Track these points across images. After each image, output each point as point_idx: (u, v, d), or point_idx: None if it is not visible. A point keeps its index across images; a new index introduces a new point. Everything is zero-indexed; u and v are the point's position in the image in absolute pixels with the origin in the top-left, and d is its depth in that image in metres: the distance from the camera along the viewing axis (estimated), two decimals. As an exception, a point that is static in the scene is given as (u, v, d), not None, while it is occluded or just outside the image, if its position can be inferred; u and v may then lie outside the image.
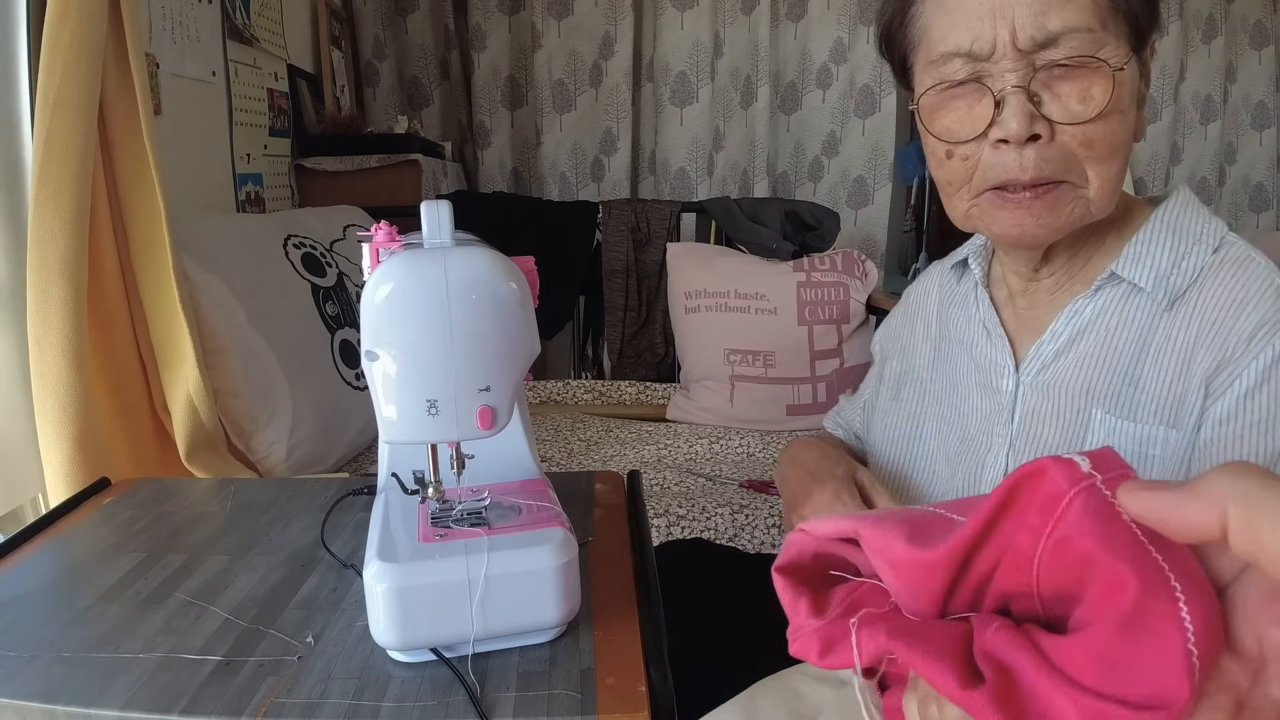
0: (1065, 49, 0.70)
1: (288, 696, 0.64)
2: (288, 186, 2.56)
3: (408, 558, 0.69)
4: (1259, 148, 3.73)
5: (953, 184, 0.79)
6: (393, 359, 0.67)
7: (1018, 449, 0.84)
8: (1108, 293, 0.81)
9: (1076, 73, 0.71)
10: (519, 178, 3.38)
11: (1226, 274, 0.76)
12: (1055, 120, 0.71)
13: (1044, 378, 0.83)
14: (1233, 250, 0.78)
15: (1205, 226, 0.80)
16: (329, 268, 1.95)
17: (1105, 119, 0.71)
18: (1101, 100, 0.70)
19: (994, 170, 0.74)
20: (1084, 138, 0.72)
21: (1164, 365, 0.76)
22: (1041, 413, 0.83)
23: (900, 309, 1.06)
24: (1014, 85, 0.71)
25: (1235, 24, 3.61)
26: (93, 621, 0.75)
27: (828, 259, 2.50)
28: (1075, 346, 0.82)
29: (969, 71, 0.74)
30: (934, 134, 0.77)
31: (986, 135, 0.73)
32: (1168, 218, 0.81)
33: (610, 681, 0.66)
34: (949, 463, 0.91)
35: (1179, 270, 0.77)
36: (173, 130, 1.87)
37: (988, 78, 0.73)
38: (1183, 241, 0.79)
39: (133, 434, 1.47)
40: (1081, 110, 0.71)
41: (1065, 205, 0.74)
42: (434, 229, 0.72)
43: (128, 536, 0.92)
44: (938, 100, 0.76)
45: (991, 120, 0.72)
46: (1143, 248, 0.79)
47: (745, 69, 3.29)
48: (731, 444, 2.21)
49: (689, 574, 1.09)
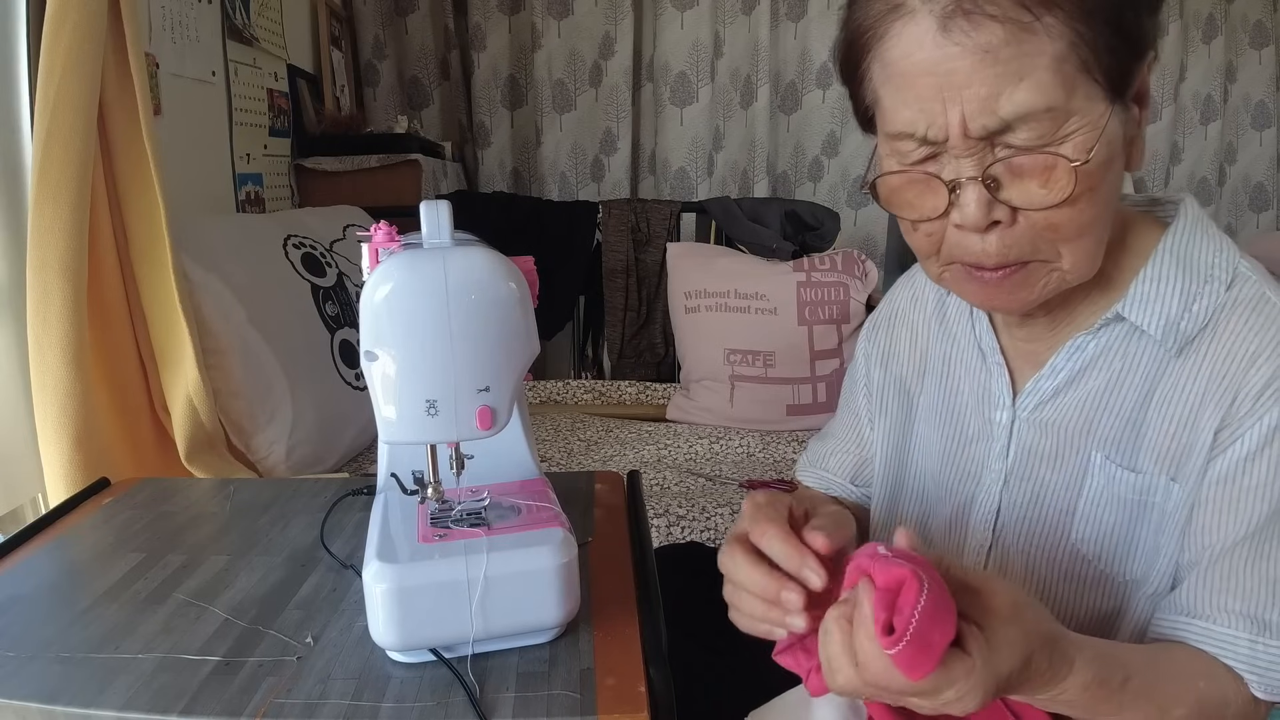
0: (1023, 135, 0.64)
1: (287, 697, 0.64)
2: (287, 186, 2.56)
3: (407, 558, 0.69)
4: (1259, 147, 3.73)
5: (922, 252, 0.75)
6: (392, 359, 0.67)
7: (1012, 487, 0.81)
8: (1112, 330, 0.76)
9: (1039, 158, 0.64)
10: (519, 178, 3.38)
11: (1239, 320, 0.71)
12: (1016, 206, 0.66)
13: (1042, 414, 0.80)
14: (1246, 289, 0.72)
15: (1217, 257, 0.74)
16: (329, 268, 1.95)
17: (1071, 204, 0.65)
18: (1065, 188, 0.64)
19: (958, 250, 0.70)
20: (1047, 223, 0.66)
21: (1169, 414, 0.73)
22: (1039, 451, 0.80)
23: (882, 314, 1.00)
24: (968, 176, 0.65)
25: (1235, 24, 3.62)
26: (92, 621, 0.75)
27: (828, 259, 2.50)
28: (1077, 385, 0.78)
29: (924, 154, 0.68)
30: (894, 212, 0.73)
31: (948, 216, 0.69)
32: (1176, 248, 0.75)
33: (610, 682, 0.66)
34: (940, 487, 0.88)
35: (1190, 315, 0.72)
36: (172, 130, 1.87)
37: (942, 166, 0.67)
38: (1194, 280, 0.73)
39: (132, 434, 1.47)
40: (1044, 196, 0.65)
41: (1038, 280, 0.70)
42: (433, 229, 0.72)
43: (127, 536, 0.92)
44: (897, 186, 0.71)
45: (949, 203, 0.67)
46: (1150, 286, 0.74)
47: (745, 69, 3.29)
48: (731, 444, 2.21)
49: (686, 578, 1.09)
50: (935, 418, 0.89)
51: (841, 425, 1.03)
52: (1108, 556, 0.76)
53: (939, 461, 0.88)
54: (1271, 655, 0.68)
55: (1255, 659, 0.69)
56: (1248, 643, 0.69)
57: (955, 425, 0.87)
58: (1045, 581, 0.79)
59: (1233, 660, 0.69)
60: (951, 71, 0.63)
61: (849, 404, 1.02)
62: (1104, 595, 0.77)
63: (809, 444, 1.09)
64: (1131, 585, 0.76)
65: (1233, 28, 3.61)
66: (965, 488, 0.85)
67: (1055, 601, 0.79)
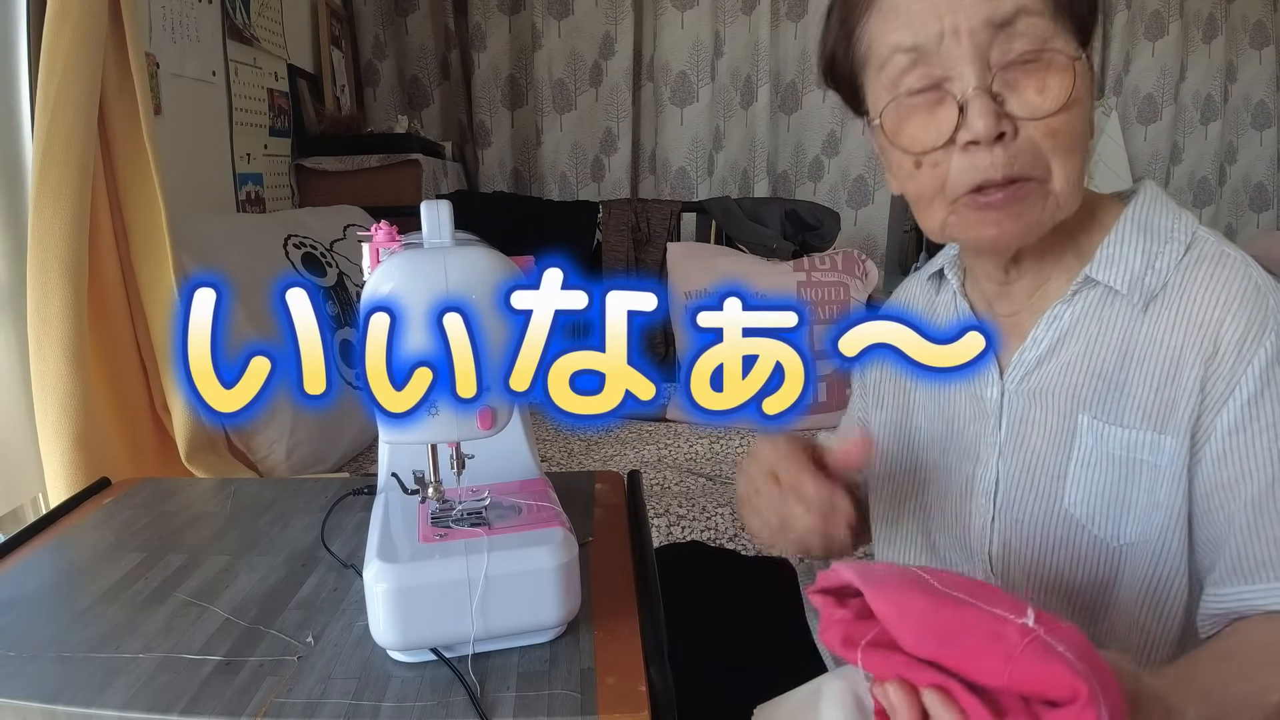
0: (1021, 35, 0.70)
1: (288, 696, 0.64)
2: (288, 186, 2.56)
3: (408, 558, 0.69)
4: (1259, 147, 3.72)
5: (925, 196, 0.78)
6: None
7: (1007, 456, 0.84)
8: (1085, 296, 0.81)
9: (1034, 67, 0.71)
10: (519, 177, 3.38)
11: (1205, 273, 0.76)
12: (1018, 116, 0.71)
13: (1029, 384, 0.83)
14: (1206, 247, 0.78)
15: (1175, 223, 0.80)
16: (329, 267, 1.95)
17: (1067, 110, 0.71)
18: (1061, 92, 0.71)
19: (967, 173, 0.73)
20: (1048, 129, 0.71)
21: (1149, 370, 0.76)
22: (1029, 419, 0.83)
23: None
24: (975, 88, 0.70)
25: (1236, 23, 3.61)
26: (93, 621, 0.75)
27: (828, 259, 2.50)
28: (1058, 353, 0.82)
29: (927, 79, 0.73)
30: (900, 146, 0.77)
31: (954, 140, 0.72)
32: (1137, 216, 0.81)
33: (610, 681, 0.66)
34: (942, 471, 0.91)
35: (1153, 270, 0.77)
36: (173, 130, 1.87)
37: (948, 82, 0.72)
38: (1154, 240, 0.79)
39: (133, 434, 1.47)
40: (1042, 103, 0.71)
41: (1036, 204, 0.74)
42: (434, 229, 0.73)
43: (128, 536, 0.92)
44: (899, 112, 0.76)
45: (957, 125, 0.72)
46: (1115, 249, 0.79)
47: (745, 69, 3.29)
48: (732, 444, 2.21)
49: (687, 577, 1.09)
50: (932, 406, 0.92)
51: (848, 420, 1.08)
52: (1100, 519, 0.79)
53: (938, 448, 0.91)
54: None
55: None
56: None
57: (950, 410, 0.90)
58: (1041, 550, 0.82)
59: None
60: None
61: (850, 413, 1.08)
62: (1098, 562, 0.79)
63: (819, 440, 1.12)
64: (1125, 551, 0.78)
65: (1233, 27, 3.61)
66: (965, 467, 0.88)
67: (1052, 570, 0.82)
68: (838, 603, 0.66)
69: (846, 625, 0.63)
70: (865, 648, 0.60)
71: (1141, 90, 3.58)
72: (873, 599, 0.61)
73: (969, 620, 0.56)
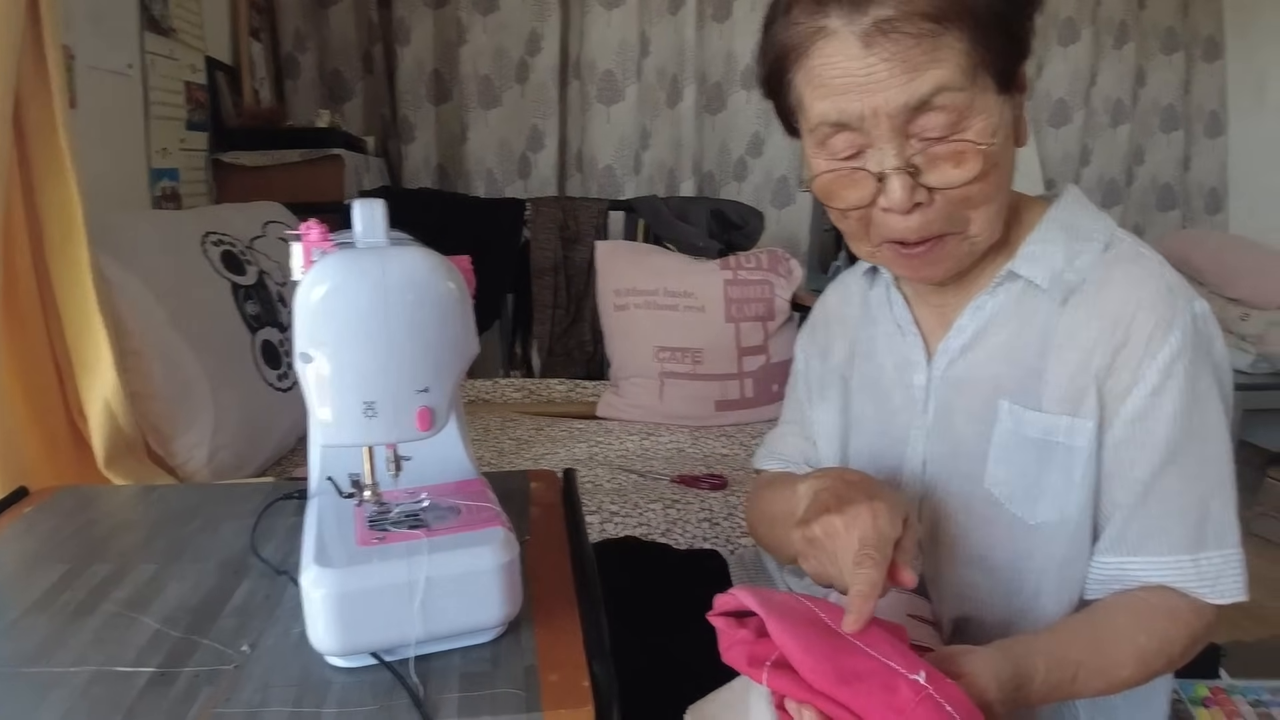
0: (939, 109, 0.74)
1: (226, 706, 0.63)
2: (205, 182, 2.49)
3: (346, 562, 0.68)
4: (1166, 149, 3.88)
5: (853, 236, 0.85)
6: (328, 360, 0.66)
7: (934, 439, 0.90)
8: (1007, 289, 0.87)
9: (950, 146, 0.75)
10: (444, 174, 3.34)
11: (1121, 271, 0.82)
12: (935, 187, 0.77)
13: (954, 371, 0.89)
14: (1123, 248, 0.84)
15: (1095, 224, 0.86)
16: (249, 266, 1.91)
17: (981, 180, 0.76)
18: (975, 167, 0.75)
19: (886, 230, 0.80)
20: (963, 196, 0.77)
21: (1066, 359, 0.82)
22: (953, 405, 0.89)
23: (817, 316, 1.09)
24: (893, 166, 0.76)
25: (1147, 29, 3.75)
26: (22, 635, 0.72)
27: (753, 257, 2.53)
28: (981, 342, 0.88)
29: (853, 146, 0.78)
30: (830, 205, 0.84)
31: (875, 203, 0.79)
32: (1060, 217, 0.87)
33: (554, 678, 0.67)
34: (878, 454, 0.95)
35: (1073, 268, 0.84)
36: (87, 124, 1.81)
37: (869, 159, 0.77)
38: (1075, 240, 0.85)
39: (49, 441, 1.42)
40: (959, 175, 0.76)
41: (953, 250, 0.81)
42: (368, 228, 0.72)
43: (51, 547, 0.89)
44: (830, 182, 0.81)
45: (877, 192, 0.78)
46: (1038, 247, 0.85)
47: (672, 68, 3.31)
48: (662, 440, 2.23)
49: (623, 572, 1.10)
50: (867, 395, 0.98)
51: (790, 415, 1.12)
52: (1018, 499, 0.84)
53: (874, 433, 0.96)
54: (1213, 565, 0.79)
55: (1201, 574, 0.78)
56: (1190, 563, 0.79)
57: (883, 397, 0.96)
58: (965, 528, 0.87)
59: (1181, 582, 0.79)
60: (871, 75, 0.74)
61: (793, 396, 1.11)
62: (1015, 538, 0.85)
63: (764, 438, 1.17)
64: (1041, 530, 0.83)
65: (1144, 33, 3.75)
66: (897, 450, 0.93)
67: (975, 547, 0.87)
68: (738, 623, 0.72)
69: (749, 645, 0.70)
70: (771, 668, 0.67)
71: (1054, 94, 3.70)
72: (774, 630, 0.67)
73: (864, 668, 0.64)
